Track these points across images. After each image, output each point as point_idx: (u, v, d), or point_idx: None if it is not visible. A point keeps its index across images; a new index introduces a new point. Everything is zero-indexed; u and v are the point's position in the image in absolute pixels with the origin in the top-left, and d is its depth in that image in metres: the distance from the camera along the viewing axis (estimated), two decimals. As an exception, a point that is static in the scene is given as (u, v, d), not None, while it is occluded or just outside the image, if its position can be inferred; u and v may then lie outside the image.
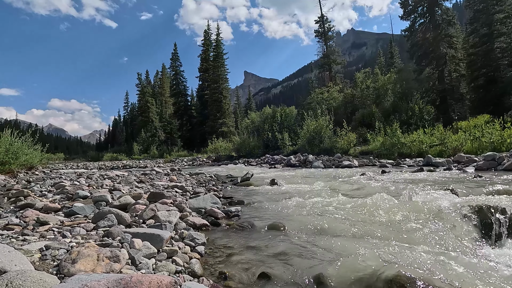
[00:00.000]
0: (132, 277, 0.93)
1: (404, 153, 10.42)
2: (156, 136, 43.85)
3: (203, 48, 41.39)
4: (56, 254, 1.46)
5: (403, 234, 2.22)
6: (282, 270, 1.69)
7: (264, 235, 2.37)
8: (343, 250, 1.96)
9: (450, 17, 20.09)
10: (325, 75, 33.37)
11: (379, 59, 40.17)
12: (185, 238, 2.05)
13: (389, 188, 4.20)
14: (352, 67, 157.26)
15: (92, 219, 2.31)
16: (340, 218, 2.72)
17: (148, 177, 6.94)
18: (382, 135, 12.39)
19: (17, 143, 9.54)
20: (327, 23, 33.57)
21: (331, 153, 12.78)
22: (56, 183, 5.40)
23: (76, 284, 0.89)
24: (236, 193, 4.74)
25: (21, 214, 2.61)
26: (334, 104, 22.81)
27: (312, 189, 4.56)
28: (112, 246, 1.54)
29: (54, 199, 3.63)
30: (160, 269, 1.50)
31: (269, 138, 18.56)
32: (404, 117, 16.67)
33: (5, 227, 2.21)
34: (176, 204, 3.00)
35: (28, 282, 0.94)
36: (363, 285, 1.52)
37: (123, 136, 67.73)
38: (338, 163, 9.33)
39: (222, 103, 37.52)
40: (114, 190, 4.24)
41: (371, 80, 22.78)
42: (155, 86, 53.21)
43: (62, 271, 1.21)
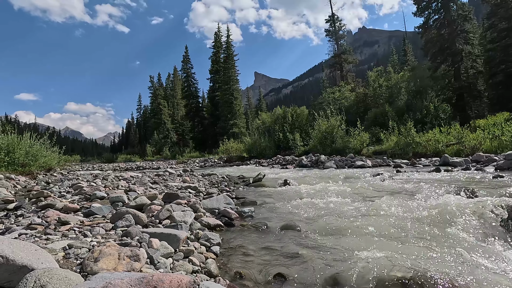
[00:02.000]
0: (154, 276, 0.96)
1: (419, 152, 10.17)
2: (169, 137, 44.53)
3: (214, 50, 41.73)
4: (78, 253, 1.51)
5: (420, 235, 2.17)
6: (297, 271, 1.69)
7: (278, 236, 2.37)
8: (359, 251, 1.94)
9: (466, 12, 19.49)
10: (336, 75, 33.04)
11: (392, 57, 39.37)
12: (200, 238, 2.07)
13: (405, 188, 4.11)
14: (364, 65, 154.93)
15: (110, 219, 2.37)
16: (354, 219, 2.69)
17: (161, 178, 7.05)
18: (396, 134, 12.15)
19: (36, 146, 9.90)
20: (337, 22, 33.25)
21: (344, 153, 12.63)
22: (73, 184, 5.57)
23: (100, 282, 0.92)
24: (249, 194, 4.76)
25: (42, 214, 2.71)
26: (346, 103, 22.54)
27: (325, 190, 4.52)
28: (131, 246, 1.58)
29: (73, 199, 3.75)
30: (178, 269, 1.52)
31: (280, 139, 18.50)
32: (419, 116, 16.28)
33: (28, 226, 2.30)
34: (190, 205, 3.04)
35: (54, 279, 0.98)
36: (380, 286, 1.49)
37: (136, 138, 69.16)
38: (351, 163, 9.20)
39: (233, 104, 37.68)
40: (130, 191, 4.33)
41: (384, 78, 22.37)
42: (167, 88, 54.06)
43: (85, 269, 1.26)
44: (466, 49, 19.36)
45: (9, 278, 1.06)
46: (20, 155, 9.17)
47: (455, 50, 19.33)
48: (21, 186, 7.14)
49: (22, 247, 1.16)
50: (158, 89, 50.28)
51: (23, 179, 8.15)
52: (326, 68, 36.87)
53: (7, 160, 8.94)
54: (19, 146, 9.23)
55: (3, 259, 1.05)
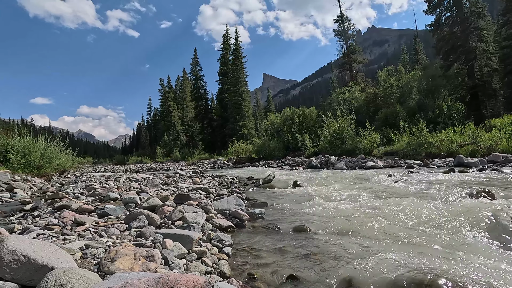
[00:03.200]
0: (170, 276, 0.97)
1: (432, 153, 9.96)
2: (178, 139, 45.02)
3: (222, 52, 41.99)
4: (95, 253, 1.54)
5: (436, 237, 2.12)
6: (310, 272, 1.68)
7: (290, 237, 2.36)
8: (372, 253, 1.92)
9: (480, 9, 19.01)
10: (345, 75, 32.73)
11: (403, 56, 38.74)
12: (212, 239, 2.08)
13: (418, 189, 4.03)
14: (374, 65, 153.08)
15: (124, 220, 2.41)
16: (367, 220, 2.65)
17: (172, 180, 7.12)
18: (408, 134, 11.93)
19: (51, 148, 10.17)
20: (346, 21, 32.96)
21: (354, 154, 12.48)
22: (87, 185, 5.69)
23: (118, 282, 0.93)
24: (259, 195, 4.76)
25: (58, 215, 2.78)
26: (355, 104, 22.29)
27: (335, 191, 4.48)
28: (146, 246, 1.60)
29: (87, 201, 3.83)
30: (191, 269, 1.54)
31: (290, 140, 18.43)
32: (431, 116, 15.94)
33: (45, 227, 2.36)
34: (201, 206, 3.06)
35: (73, 278, 1.01)
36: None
37: (147, 140, 70.19)
38: (361, 164, 9.09)
39: (242, 105, 37.79)
40: (142, 192, 4.39)
41: (395, 78, 22.02)
42: (177, 90, 54.70)
43: (102, 269, 1.28)
44: (480, 47, 18.87)
45: (31, 277, 1.09)
46: (36, 157, 9.44)
47: (468, 48, 18.87)
48: (37, 187, 7.34)
49: (42, 247, 1.20)
50: (168, 91, 50.93)
51: (39, 181, 8.39)
52: (335, 68, 36.60)
53: (23, 163, 9.22)
54: (34, 149, 9.51)
55: (24, 258, 1.09)
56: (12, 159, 9.07)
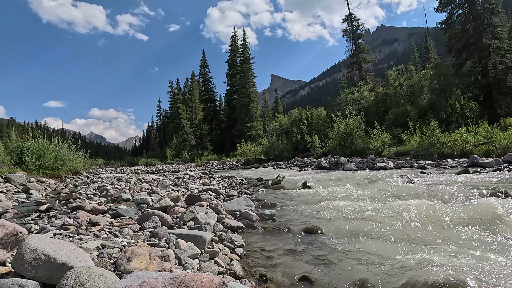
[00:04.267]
0: (186, 276, 0.98)
1: (445, 153, 9.75)
2: (187, 141, 45.43)
3: (230, 54, 42.20)
4: (111, 252, 1.58)
5: (450, 240, 2.08)
6: (323, 274, 1.67)
7: (301, 238, 2.35)
8: (385, 255, 1.89)
9: (493, 5, 18.53)
10: (354, 75, 32.42)
11: (413, 54, 38.11)
12: (224, 240, 2.10)
13: (432, 190, 3.96)
14: (383, 64, 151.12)
15: (137, 220, 2.45)
16: (378, 222, 2.62)
17: (182, 181, 7.19)
18: (419, 134, 11.72)
19: (64, 150, 10.42)
20: (355, 21, 32.67)
21: (364, 154, 12.34)
22: (99, 187, 5.80)
23: (136, 281, 0.95)
24: (268, 196, 4.75)
25: (73, 215, 2.84)
26: (365, 103, 22.04)
27: (346, 192, 4.44)
28: (160, 246, 1.62)
29: (100, 201, 3.90)
30: (204, 270, 1.55)
31: (298, 141, 18.35)
32: (443, 115, 15.63)
33: (61, 227, 2.42)
34: (212, 207, 3.08)
35: (92, 277, 1.03)
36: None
37: (157, 141, 71.09)
38: (371, 165, 8.97)
39: (250, 107, 37.86)
40: (153, 193, 4.45)
41: (405, 77, 21.69)
42: (186, 92, 55.22)
43: (119, 268, 1.31)
44: (494, 44, 18.38)
45: (51, 275, 1.12)
46: (50, 159, 9.68)
47: (481, 45, 18.42)
48: (51, 188, 7.53)
49: (61, 246, 1.23)
50: (177, 93, 51.47)
51: (53, 182, 8.60)
52: (344, 68, 36.26)
53: (38, 164, 9.47)
54: (48, 151, 9.76)
55: (45, 257, 1.12)
56: (27, 161, 9.33)
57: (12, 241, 1.33)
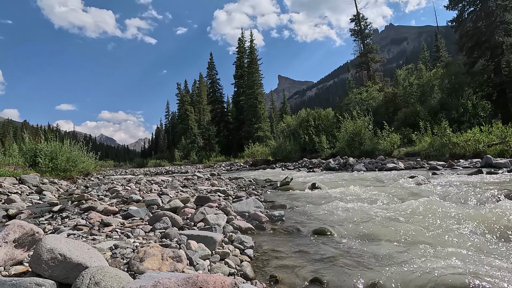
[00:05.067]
0: (199, 277, 0.99)
1: (457, 153, 9.55)
2: (195, 142, 45.77)
3: (238, 55, 42.35)
4: (124, 253, 1.60)
5: (463, 243, 2.03)
6: (334, 276, 1.65)
7: (311, 240, 2.34)
8: (397, 257, 1.87)
9: (507, 2, 18.08)
10: (362, 75, 32.11)
11: (423, 53, 37.48)
12: (234, 241, 2.10)
13: (443, 191, 3.88)
14: (392, 64, 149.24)
15: (148, 221, 2.47)
16: (390, 224, 2.58)
17: (191, 182, 7.24)
18: (430, 134, 11.51)
19: (75, 152, 10.64)
20: (363, 21, 32.39)
21: (373, 155, 12.19)
22: (110, 188, 5.89)
23: (149, 281, 0.96)
24: (277, 198, 4.74)
25: (86, 216, 2.90)
26: (373, 104, 21.79)
27: (355, 193, 4.39)
28: (171, 247, 1.64)
29: (111, 202, 3.97)
30: (215, 270, 1.56)
31: (306, 142, 18.26)
32: (455, 115, 15.32)
33: (74, 227, 2.47)
34: (221, 208, 3.10)
35: (107, 277, 1.05)
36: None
37: (165, 143, 71.85)
38: (381, 166, 8.86)
39: (258, 108, 37.89)
40: (162, 194, 4.50)
41: (415, 76, 21.36)
42: (193, 94, 55.67)
43: (132, 269, 1.33)
44: (507, 42, 17.91)
45: (67, 274, 1.15)
46: (62, 161, 9.90)
47: (494, 43, 17.98)
48: (63, 189, 7.69)
49: (76, 246, 1.26)
50: (185, 95, 51.93)
51: (65, 183, 8.79)
52: (352, 69, 35.97)
53: (50, 166, 9.69)
54: (61, 153, 9.98)
55: (61, 256, 1.14)
56: (40, 162, 9.56)
57: (29, 241, 1.37)
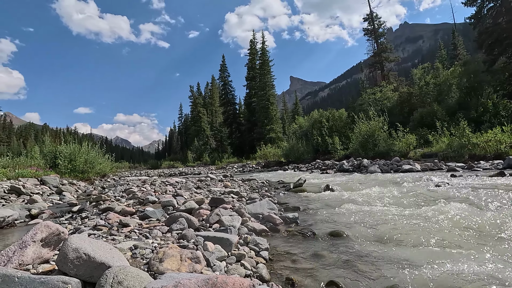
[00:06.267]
0: (218, 278, 1.01)
1: (477, 154, 9.22)
2: (208, 144, 46.19)
3: (249, 57, 42.47)
4: (143, 253, 1.64)
5: (484, 248, 1.96)
6: (351, 280, 1.64)
7: (326, 243, 2.32)
8: (415, 261, 1.82)
9: (529, -3, 17.37)
10: (376, 74, 31.54)
11: (440, 52, 36.47)
12: (249, 243, 2.11)
13: (463, 194, 3.76)
14: (407, 63, 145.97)
15: (165, 222, 2.52)
16: (406, 227, 2.52)
17: (204, 183, 7.32)
18: (448, 135, 11.16)
19: (93, 154, 10.97)
20: (376, 20, 31.84)
21: (388, 156, 11.93)
22: (126, 189, 6.03)
23: (170, 281, 0.99)
24: (291, 199, 4.72)
25: (105, 216, 2.98)
26: (388, 104, 21.35)
27: (370, 196, 4.31)
28: (189, 248, 1.67)
29: (128, 203, 4.06)
30: (232, 272, 1.57)
31: (319, 143, 18.10)
32: (474, 115, 14.78)
33: (94, 227, 2.54)
34: (235, 210, 3.12)
35: (129, 277, 1.09)
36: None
37: (178, 145, 72.89)
38: (397, 168, 8.66)
39: (270, 109, 37.85)
40: (177, 195, 4.57)
41: (431, 75, 20.78)
42: (206, 96, 56.24)
43: (152, 269, 1.36)
44: (530, 38, 17.20)
45: (91, 273, 1.19)
46: (80, 162, 10.22)
47: (516, 39, 17.29)
48: (82, 190, 7.94)
49: (99, 246, 1.30)
50: (198, 97, 52.53)
51: (83, 184, 9.07)
52: (365, 68, 35.37)
53: (69, 167, 10.03)
54: (79, 155, 10.31)
55: (85, 256, 1.19)
56: (60, 164, 9.91)
57: (55, 240, 1.43)
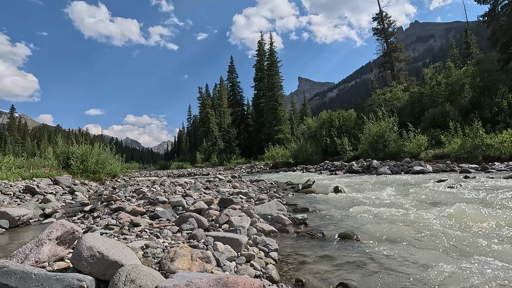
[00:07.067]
0: (229, 278, 1.01)
1: (491, 156, 8.98)
2: (216, 145, 46.45)
3: (257, 58, 42.52)
4: (155, 252, 1.66)
5: (497, 252, 1.91)
6: (362, 282, 1.62)
7: (336, 244, 2.30)
8: (426, 264, 1.80)
9: (545, -7, 16.86)
10: (386, 74, 31.13)
11: (452, 51, 35.69)
12: (258, 244, 2.11)
13: (476, 196, 3.67)
14: (418, 62, 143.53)
15: (175, 222, 2.55)
16: (418, 230, 2.48)
17: (213, 184, 7.36)
18: (460, 135, 10.91)
19: (104, 155, 11.17)
20: (386, 19, 31.43)
21: (398, 157, 11.75)
22: (136, 189, 6.12)
23: (182, 280, 1.00)
24: (299, 200, 4.70)
25: (116, 216, 3.03)
26: (398, 104, 21.02)
27: (380, 197, 4.26)
28: (199, 248, 1.68)
29: (138, 203, 4.12)
30: (241, 272, 1.57)
31: (328, 144, 17.96)
32: (488, 115, 14.41)
33: (106, 227, 2.59)
34: (244, 210, 3.12)
35: (141, 275, 1.10)
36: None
37: (187, 146, 73.55)
38: (407, 169, 8.52)
39: (278, 110, 37.79)
40: (186, 196, 4.61)
41: (443, 75, 20.36)
42: (214, 98, 56.59)
43: (163, 268, 1.38)
44: (547, 35, 16.68)
45: (104, 271, 1.22)
46: (92, 163, 10.43)
47: (532, 37, 16.80)
48: (93, 190, 8.09)
49: (112, 244, 1.33)
50: (206, 99, 52.91)
51: (94, 184, 9.24)
52: (375, 68, 34.97)
53: (81, 168, 10.24)
54: (91, 155, 10.52)
55: (99, 254, 1.21)
56: (72, 164, 10.13)
57: (69, 239, 1.46)
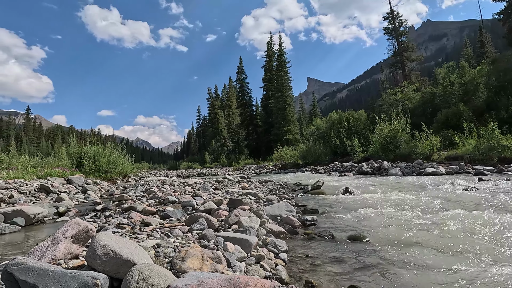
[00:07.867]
0: (240, 278, 1.02)
1: (508, 157, 8.73)
2: (225, 145, 46.69)
3: (266, 59, 42.50)
4: (166, 252, 1.69)
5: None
6: (373, 284, 1.60)
7: (346, 246, 2.28)
8: (438, 267, 1.76)
9: None
10: (397, 74, 30.65)
11: (465, 50, 34.82)
12: (268, 245, 2.11)
13: (491, 199, 3.58)
14: (431, 62, 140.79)
15: (185, 222, 2.57)
16: (430, 232, 2.44)
17: (222, 184, 7.39)
18: (475, 137, 10.63)
19: (115, 155, 11.38)
20: (397, 18, 30.96)
21: (410, 159, 11.54)
22: (147, 189, 6.20)
23: (193, 280, 1.01)
24: (308, 202, 4.68)
25: (127, 215, 3.08)
26: (410, 105, 20.66)
27: (391, 199, 4.19)
28: (209, 248, 1.70)
29: (149, 203, 4.18)
30: (251, 273, 1.58)
31: (337, 145, 17.80)
32: (504, 115, 13.99)
33: (118, 226, 2.64)
34: (253, 211, 3.13)
35: (153, 274, 1.12)
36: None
37: (196, 146, 74.17)
38: (419, 170, 8.36)
39: (287, 111, 37.68)
40: (196, 196, 4.65)
41: (456, 74, 19.90)
42: (223, 99, 56.88)
43: (174, 267, 1.40)
44: None
45: (117, 270, 1.24)
46: (104, 163, 10.63)
47: (550, 35, 16.26)
48: (105, 190, 8.25)
49: (125, 243, 1.35)
50: (215, 100, 53.25)
51: (106, 184, 9.42)
52: (386, 68, 34.44)
53: (94, 168, 10.46)
54: (102, 155, 10.73)
55: (112, 253, 1.24)
56: (85, 164, 10.35)
57: (84, 237, 1.50)
